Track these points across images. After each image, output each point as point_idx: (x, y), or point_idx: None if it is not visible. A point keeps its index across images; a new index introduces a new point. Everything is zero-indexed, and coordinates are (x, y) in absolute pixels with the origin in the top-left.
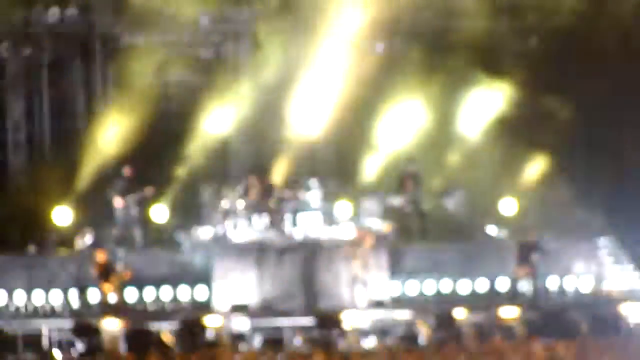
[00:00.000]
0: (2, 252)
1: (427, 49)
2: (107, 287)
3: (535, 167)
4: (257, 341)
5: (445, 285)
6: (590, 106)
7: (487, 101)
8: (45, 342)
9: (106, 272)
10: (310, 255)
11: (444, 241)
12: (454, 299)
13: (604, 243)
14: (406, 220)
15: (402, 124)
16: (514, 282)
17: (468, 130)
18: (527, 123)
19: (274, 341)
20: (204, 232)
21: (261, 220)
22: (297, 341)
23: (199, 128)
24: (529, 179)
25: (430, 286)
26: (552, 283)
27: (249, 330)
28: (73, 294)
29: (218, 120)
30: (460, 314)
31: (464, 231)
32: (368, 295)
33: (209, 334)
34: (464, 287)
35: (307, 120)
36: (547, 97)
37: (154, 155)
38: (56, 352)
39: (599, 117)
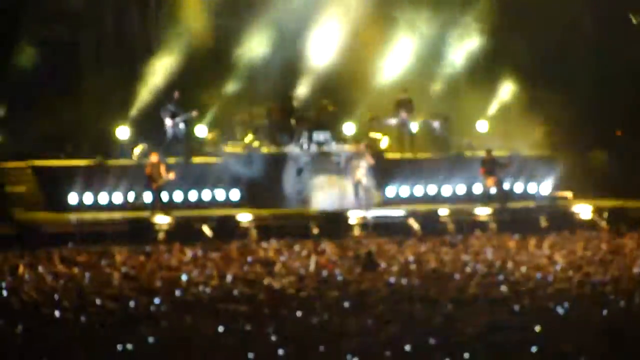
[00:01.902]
0: (75, 161)
1: None
2: (156, 185)
3: (505, 94)
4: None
5: (431, 189)
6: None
7: (467, 39)
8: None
9: (156, 172)
10: (322, 165)
11: (430, 154)
12: (439, 200)
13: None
14: (400, 138)
15: (398, 58)
16: (486, 187)
17: (451, 63)
18: (498, 58)
19: (294, 231)
20: (237, 146)
21: (283, 136)
22: (314, 228)
23: (234, 61)
24: (500, 104)
25: (419, 190)
26: (518, 188)
27: (275, 222)
28: (131, 194)
29: (249, 53)
30: (443, 212)
31: (446, 147)
32: (369, 196)
33: (241, 228)
34: (447, 190)
35: (320, 53)
36: (512, 40)
37: (198, 83)
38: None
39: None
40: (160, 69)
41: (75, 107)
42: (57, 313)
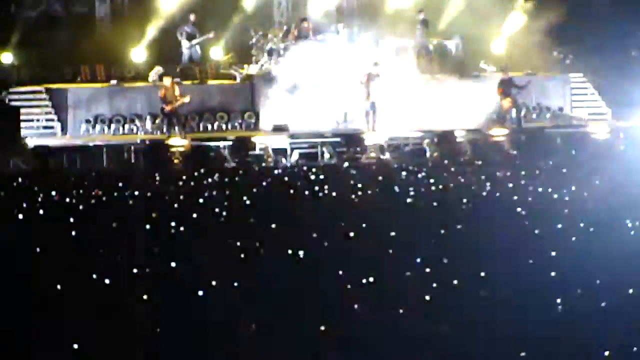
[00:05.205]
0: (91, 84)
1: None
2: (171, 107)
3: (519, 13)
4: (294, 155)
5: (448, 110)
6: None
7: None
8: (126, 155)
9: (171, 95)
10: (336, 87)
11: (445, 74)
12: (454, 121)
13: (574, 77)
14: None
15: None
16: (503, 108)
17: None
18: None
19: (308, 155)
20: (252, 68)
21: (297, 57)
22: (327, 155)
23: None
24: (514, 23)
25: (434, 111)
26: (534, 108)
27: (288, 146)
28: (146, 117)
29: None
30: (459, 133)
31: (461, 67)
32: (384, 118)
33: (256, 149)
34: (462, 111)
35: None
36: None
37: (214, 4)
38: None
39: None
40: None
41: (90, 30)
42: None
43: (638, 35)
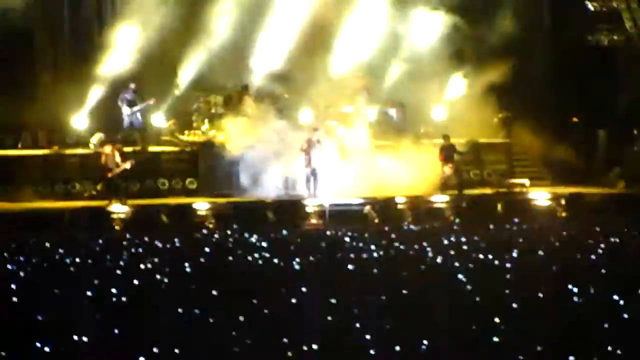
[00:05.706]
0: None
1: None
2: (112, 174)
3: (460, 78)
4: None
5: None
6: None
7: (427, 27)
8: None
9: (111, 161)
10: (278, 152)
11: (387, 141)
12: (395, 188)
13: (516, 143)
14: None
15: (354, 44)
16: (444, 174)
17: (408, 50)
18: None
19: (251, 221)
20: (194, 134)
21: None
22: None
23: (190, 50)
24: (455, 89)
25: (376, 177)
26: (474, 175)
27: (232, 210)
28: (88, 183)
29: (205, 42)
30: (401, 200)
31: (403, 134)
32: (325, 185)
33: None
34: (404, 178)
35: (275, 41)
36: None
37: (154, 72)
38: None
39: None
40: (117, 58)
41: (31, 97)
42: None
43: (579, 100)
